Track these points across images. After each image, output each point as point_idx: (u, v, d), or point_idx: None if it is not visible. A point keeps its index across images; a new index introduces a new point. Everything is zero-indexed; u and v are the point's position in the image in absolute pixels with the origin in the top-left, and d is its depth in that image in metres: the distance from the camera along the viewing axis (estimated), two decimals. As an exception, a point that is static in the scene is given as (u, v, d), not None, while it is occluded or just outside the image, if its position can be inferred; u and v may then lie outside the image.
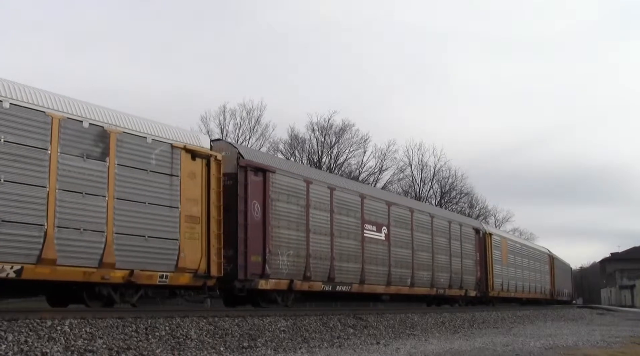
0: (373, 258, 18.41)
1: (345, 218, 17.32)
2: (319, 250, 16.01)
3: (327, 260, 16.32)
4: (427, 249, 21.85)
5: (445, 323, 16.73)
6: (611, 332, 17.01)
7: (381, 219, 19.12)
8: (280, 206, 14.90)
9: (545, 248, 46.09)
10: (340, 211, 17.11)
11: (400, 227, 20.18)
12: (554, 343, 12.54)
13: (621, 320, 27.57)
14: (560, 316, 27.58)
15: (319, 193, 16.32)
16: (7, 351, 7.08)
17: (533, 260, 37.66)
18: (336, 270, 16.62)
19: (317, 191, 16.22)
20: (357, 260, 17.59)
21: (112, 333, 8.55)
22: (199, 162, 13.00)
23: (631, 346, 12.79)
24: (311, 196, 15.95)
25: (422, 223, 21.72)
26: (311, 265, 15.65)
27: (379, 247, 18.83)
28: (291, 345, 10.12)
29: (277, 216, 14.73)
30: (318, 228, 16.09)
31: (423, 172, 58.86)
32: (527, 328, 18.29)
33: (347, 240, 17.23)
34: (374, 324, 13.95)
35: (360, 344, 11.03)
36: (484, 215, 66.18)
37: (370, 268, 18.17)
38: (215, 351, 8.82)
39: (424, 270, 21.50)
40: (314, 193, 16.07)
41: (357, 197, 18.02)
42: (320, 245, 16.12)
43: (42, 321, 8.25)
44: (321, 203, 16.35)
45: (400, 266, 19.92)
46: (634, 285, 78.82)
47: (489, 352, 10.49)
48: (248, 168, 13.99)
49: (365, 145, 51.38)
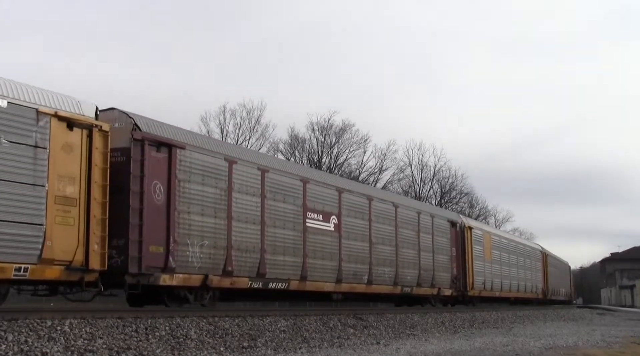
0: (318, 251, 16.16)
1: (282, 205, 15.08)
2: (244, 240, 13.78)
3: (255, 253, 14.09)
4: (389, 242, 19.57)
5: (445, 323, 16.64)
6: (611, 332, 16.85)
7: (330, 207, 16.86)
8: (192, 188, 12.69)
9: (538, 244, 43.79)
10: (274, 196, 14.88)
11: (355, 217, 17.91)
12: (554, 343, 12.45)
13: (621, 320, 27.20)
14: (560, 316, 27.20)
15: (246, 175, 14.09)
16: (7, 351, 6.99)
17: (523, 257, 35.18)
18: (268, 264, 14.38)
19: (242, 172, 13.99)
20: (296, 253, 15.36)
21: (112, 333, 8.47)
22: (78, 133, 10.78)
23: (631, 346, 12.59)
24: (235, 178, 13.73)
25: (383, 213, 19.43)
26: (233, 258, 13.42)
27: (327, 239, 16.57)
28: (291, 345, 10.07)
29: (187, 200, 12.53)
30: (243, 215, 13.86)
31: (423, 172, 59.10)
32: (527, 328, 18.13)
33: (283, 230, 14.99)
34: (374, 324, 13.84)
35: (360, 344, 11.00)
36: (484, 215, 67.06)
37: (314, 262, 15.92)
38: (215, 351, 8.77)
39: (386, 266, 19.22)
40: (238, 174, 13.85)
41: (298, 181, 15.77)
42: (247, 235, 13.89)
43: (42, 321, 8.14)
44: (248, 187, 14.13)
45: (355, 261, 17.67)
46: (634, 285, 78.56)
47: (489, 352, 10.40)
48: (146, 142, 11.78)
49: (365, 145, 51.64)
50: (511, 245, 33.53)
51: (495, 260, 29.88)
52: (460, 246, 25.32)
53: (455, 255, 24.53)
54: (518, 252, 34.46)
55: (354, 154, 51.89)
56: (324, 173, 23.92)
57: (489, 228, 34.62)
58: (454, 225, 24.84)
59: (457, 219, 25.87)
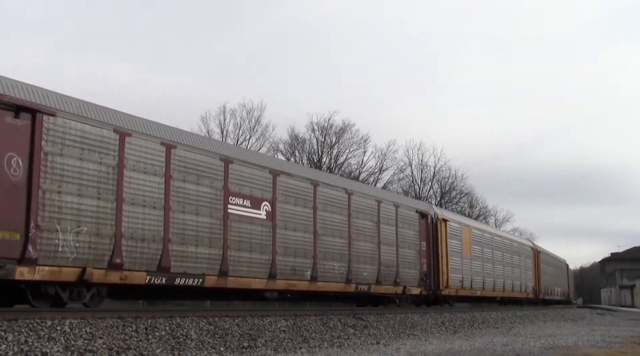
0: (245, 242, 13.96)
1: (194, 187, 12.90)
2: (140, 227, 11.61)
3: (157, 243, 11.92)
4: (340, 234, 17.35)
5: (445, 323, 16.62)
6: (611, 332, 16.75)
7: (261, 192, 14.65)
8: (66, 163, 10.52)
9: (529, 240, 41.47)
10: (185, 177, 12.71)
11: (294, 204, 15.71)
12: (554, 343, 12.39)
13: (621, 320, 26.97)
14: (560, 316, 27.00)
15: (144, 151, 11.91)
16: (7, 351, 6.92)
17: (510, 254, 32.81)
18: (174, 256, 12.21)
19: (139, 147, 11.82)
20: (214, 244, 13.18)
21: (112, 333, 8.42)
22: None
23: (631, 346, 12.49)
24: (127, 153, 11.56)
25: (333, 201, 17.21)
26: (124, 247, 11.26)
27: (256, 228, 14.38)
28: (291, 345, 10.00)
29: (57, 177, 10.35)
30: (139, 197, 11.69)
31: (423, 172, 58.88)
32: (527, 328, 18.02)
33: (195, 216, 12.83)
34: (374, 324, 13.83)
35: (360, 344, 10.93)
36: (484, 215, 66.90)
37: (239, 255, 13.73)
38: (215, 351, 8.69)
39: (335, 261, 17.00)
40: (132, 148, 11.67)
41: (218, 161, 13.59)
42: (144, 222, 11.72)
43: (42, 321, 8.13)
44: (147, 164, 11.96)
45: (294, 254, 15.46)
46: (634, 285, 77.55)
47: (489, 352, 10.34)
48: (-4, 105, 9.64)
49: (365, 145, 51.36)
50: (496, 240, 31.14)
51: (476, 256, 27.49)
52: (432, 240, 23.03)
53: (425, 249, 22.26)
54: (505, 248, 32.11)
55: (354, 154, 51.68)
56: (256, 153, 21.49)
57: (470, 221, 32.09)
58: (425, 216, 22.54)
59: (429, 210, 23.52)
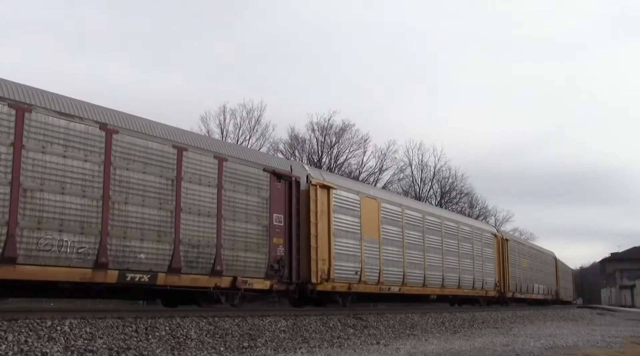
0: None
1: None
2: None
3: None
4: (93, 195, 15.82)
5: (445, 323, 16.53)
6: (611, 332, 16.85)
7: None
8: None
9: (492, 225, 40.03)
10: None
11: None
12: (554, 343, 12.39)
13: (621, 320, 27.26)
14: (560, 316, 27.07)
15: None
16: (7, 351, 6.88)
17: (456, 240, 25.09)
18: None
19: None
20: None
21: (112, 333, 8.37)
22: None
23: (631, 346, 12.57)
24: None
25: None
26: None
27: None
28: (291, 345, 10.01)
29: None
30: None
31: (423, 172, 58.87)
32: (527, 328, 18.05)
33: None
34: (374, 324, 13.80)
35: (360, 344, 10.96)
36: (484, 215, 67.40)
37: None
38: (215, 351, 8.68)
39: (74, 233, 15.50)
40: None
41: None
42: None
43: (42, 321, 8.06)
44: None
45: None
46: (634, 285, 77.22)
47: (489, 352, 10.38)
48: None
49: (365, 145, 51.36)
50: (430, 221, 22.75)
51: (390, 239, 19.54)
52: (300, 213, 15.42)
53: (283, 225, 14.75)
54: (446, 231, 23.94)
55: (354, 154, 51.41)
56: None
57: (380, 192, 22.77)
58: (282, 178, 14.89)
59: (294, 170, 15.63)
